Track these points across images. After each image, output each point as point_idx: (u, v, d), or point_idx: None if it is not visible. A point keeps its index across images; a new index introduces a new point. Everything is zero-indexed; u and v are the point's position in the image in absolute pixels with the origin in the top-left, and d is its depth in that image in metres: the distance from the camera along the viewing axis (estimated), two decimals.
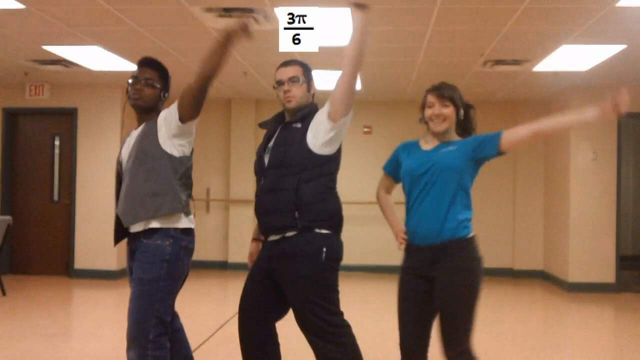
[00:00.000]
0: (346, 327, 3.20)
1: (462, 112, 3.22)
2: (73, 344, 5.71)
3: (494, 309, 7.64)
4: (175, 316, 3.51)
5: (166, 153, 3.21)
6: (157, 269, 3.14)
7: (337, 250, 3.22)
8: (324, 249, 3.12)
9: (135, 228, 3.26)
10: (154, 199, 3.18)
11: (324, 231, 3.16)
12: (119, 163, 3.44)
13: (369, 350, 3.93)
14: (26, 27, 6.01)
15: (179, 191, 3.22)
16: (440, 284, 3.09)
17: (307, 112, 3.26)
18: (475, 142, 3.14)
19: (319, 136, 3.15)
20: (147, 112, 3.35)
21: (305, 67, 3.35)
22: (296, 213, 3.11)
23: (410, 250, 3.23)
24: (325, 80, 7.02)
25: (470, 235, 3.16)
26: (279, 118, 3.44)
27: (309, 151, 3.15)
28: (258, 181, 3.34)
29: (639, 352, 5.74)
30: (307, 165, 3.14)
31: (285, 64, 3.35)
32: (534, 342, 6.02)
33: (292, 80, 3.27)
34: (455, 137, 3.25)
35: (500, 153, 3.11)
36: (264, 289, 3.29)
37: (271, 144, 3.31)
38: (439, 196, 3.10)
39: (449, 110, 3.17)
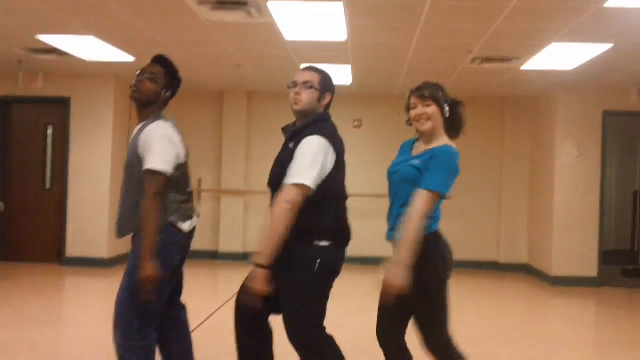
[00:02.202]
0: (328, 344, 3.20)
1: (447, 109, 3.23)
2: (64, 331, 5.79)
3: (478, 301, 7.77)
4: (182, 307, 3.57)
5: None
6: None
7: (332, 262, 3.22)
8: (318, 260, 3.13)
9: None
10: (140, 211, 3.19)
11: (322, 243, 3.16)
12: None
13: (358, 344, 4.00)
14: (20, 16, 6.03)
15: (168, 201, 3.25)
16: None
17: (305, 125, 3.23)
18: (426, 170, 3.12)
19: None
20: (145, 106, 3.36)
21: (324, 77, 3.31)
22: (293, 232, 3.07)
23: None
24: None
25: (427, 233, 3.09)
26: (291, 127, 3.39)
27: None
28: None
29: (620, 346, 5.86)
30: None
31: (307, 68, 3.35)
32: (517, 335, 6.13)
33: (305, 84, 3.24)
34: (442, 138, 3.24)
35: None
36: None
37: (276, 158, 3.34)
38: (397, 201, 3.21)
39: (432, 109, 3.19)
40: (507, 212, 10.26)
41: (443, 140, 3.24)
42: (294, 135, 3.23)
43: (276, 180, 3.20)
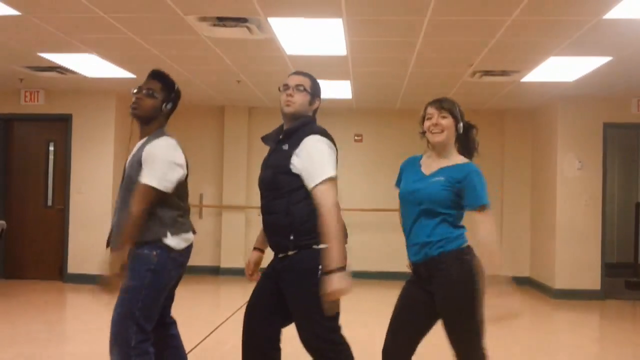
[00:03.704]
0: (344, 344, 3.23)
1: (461, 125, 3.24)
2: (66, 348, 5.77)
3: None
4: (172, 323, 3.58)
5: None
6: (141, 277, 3.19)
7: None
8: (319, 265, 3.12)
9: None
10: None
11: (321, 246, 3.15)
12: (124, 176, 3.43)
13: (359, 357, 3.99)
14: (22, 34, 6.08)
15: (164, 216, 3.26)
16: (438, 297, 3.12)
17: (297, 125, 3.26)
18: (468, 189, 3.13)
19: (300, 170, 3.16)
20: (146, 122, 3.39)
21: (314, 82, 3.38)
22: (291, 236, 3.15)
23: (413, 268, 3.28)
24: None
25: (463, 245, 3.18)
26: (278, 133, 3.42)
27: (294, 174, 3.17)
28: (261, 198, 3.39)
29: (624, 359, 5.84)
30: (295, 186, 3.16)
31: (297, 72, 3.41)
32: (519, 349, 6.10)
33: (298, 87, 3.30)
34: (455, 155, 3.26)
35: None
36: (272, 295, 3.31)
37: (267, 163, 3.36)
38: (427, 221, 3.14)
39: (448, 122, 3.20)
40: (509, 225, 10.24)
41: (459, 157, 3.26)
42: (287, 136, 3.26)
43: (269, 182, 3.26)
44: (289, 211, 3.16)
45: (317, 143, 3.19)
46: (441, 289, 3.12)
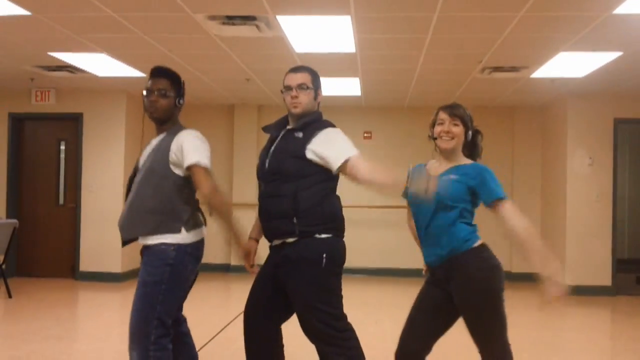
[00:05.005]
0: (350, 330, 3.25)
1: (470, 133, 3.26)
2: (78, 346, 5.81)
3: None
4: (183, 320, 3.60)
5: (173, 173, 3.27)
6: (160, 272, 3.21)
7: (338, 254, 3.25)
8: (324, 254, 3.16)
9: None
10: (154, 216, 3.25)
11: (324, 236, 3.19)
12: (136, 169, 3.45)
13: (371, 353, 4.00)
14: (32, 33, 6.12)
15: (180, 210, 3.29)
16: (457, 298, 3.12)
17: (309, 120, 3.30)
18: (481, 185, 3.17)
19: (321, 155, 3.21)
20: (164, 122, 3.39)
21: (314, 75, 3.39)
22: (294, 219, 3.16)
23: (431, 271, 3.28)
24: (326, 87, 7.13)
25: (476, 244, 3.22)
26: (282, 123, 3.48)
27: (308, 161, 3.20)
28: (260, 185, 3.40)
29: (635, 355, 5.81)
30: (306, 173, 3.19)
31: (295, 70, 3.39)
32: (530, 345, 6.09)
33: (301, 87, 3.30)
34: (462, 159, 3.27)
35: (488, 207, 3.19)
36: (269, 292, 3.34)
37: (272, 149, 3.36)
38: (442, 222, 3.14)
39: (458, 130, 3.20)
40: None
41: (466, 160, 3.28)
42: (301, 128, 3.29)
43: (276, 167, 3.27)
44: (296, 196, 3.16)
45: (336, 132, 3.31)
46: (461, 288, 3.11)
